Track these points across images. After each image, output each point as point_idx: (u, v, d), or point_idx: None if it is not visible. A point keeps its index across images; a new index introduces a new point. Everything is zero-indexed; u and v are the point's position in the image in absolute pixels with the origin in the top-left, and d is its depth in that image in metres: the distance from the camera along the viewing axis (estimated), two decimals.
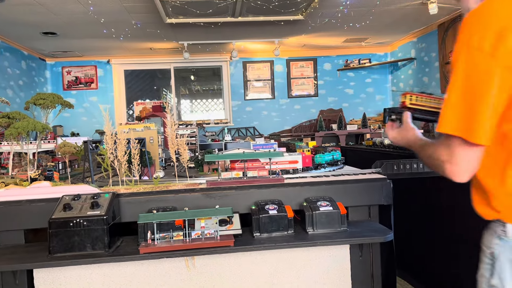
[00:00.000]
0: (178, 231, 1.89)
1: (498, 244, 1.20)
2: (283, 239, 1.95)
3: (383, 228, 2.09)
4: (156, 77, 8.39)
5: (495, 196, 1.19)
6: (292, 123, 7.93)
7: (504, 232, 1.18)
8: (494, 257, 1.21)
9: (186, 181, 2.21)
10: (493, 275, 1.21)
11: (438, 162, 1.21)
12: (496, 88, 1.08)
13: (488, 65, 1.08)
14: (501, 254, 1.19)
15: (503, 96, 1.09)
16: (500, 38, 1.06)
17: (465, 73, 1.11)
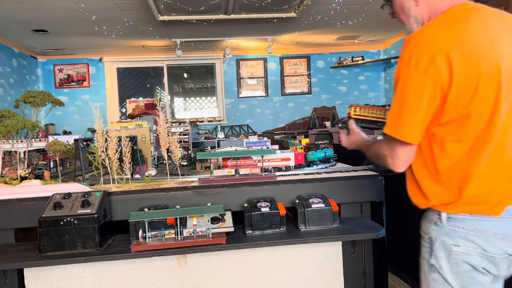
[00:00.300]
0: (170, 229, 1.88)
1: (435, 230, 1.42)
2: (275, 236, 1.94)
3: (375, 225, 2.10)
4: (149, 75, 8.35)
5: (425, 186, 1.43)
6: (286, 120, 7.94)
7: (439, 219, 1.41)
8: (432, 240, 1.43)
9: (178, 179, 2.21)
10: (431, 256, 1.43)
11: (382, 156, 1.49)
12: (427, 99, 1.33)
13: (422, 80, 1.33)
14: (437, 238, 1.41)
15: (432, 105, 1.34)
16: (431, 60, 1.31)
17: (404, 87, 1.37)
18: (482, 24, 1.38)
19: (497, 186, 1.36)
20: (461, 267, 1.38)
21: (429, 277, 1.45)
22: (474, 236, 1.36)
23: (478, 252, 1.36)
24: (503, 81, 1.33)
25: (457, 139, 1.36)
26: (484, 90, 1.32)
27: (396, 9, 1.59)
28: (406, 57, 1.36)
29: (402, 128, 1.38)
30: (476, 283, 1.38)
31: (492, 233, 1.35)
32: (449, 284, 1.40)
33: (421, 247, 1.51)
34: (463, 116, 1.34)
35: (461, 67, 1.30)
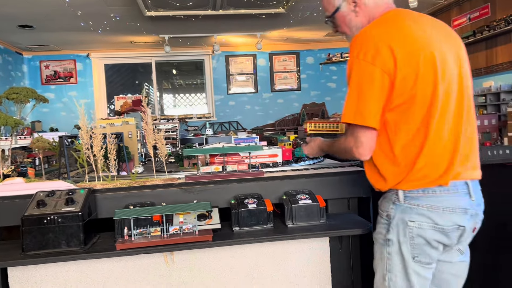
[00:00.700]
0: (156, 226, 1.86)
1: (393, 208, 1.61)
2: (263, 233, 1.94)
3: (362, 221, 2.10)
4: (138, 71, 8.29)
5: (383, 169, 1.61)
6: (275, 117, 7.94)
7: (397, 198, 1.59)
8: (390, 218, 1.61)
9: (164, 176, 2.19)
10: (388, 232, 1.62)
11: (348, 149, 1.65)
12: (378, 86, 1.51)
13: (371, 70, 1.51)
14: (395, 215, 1.60)
15: (383, 92, 1.52)
16: (376, 51, 1.51)
17: (357, 78, 1.55)
18: (415, 22, 1.62)
19: (441, 159, 1.55)
20: (416, 240, 1.57)
21: (384, 250, 1.64)
22: (427, 211, 1.55)
23: (431, 225, 1.55)
24: (438, 68, 1.54)
25: (406, 121, 1.54)
26: (424, 75, 1.52)
27: (339, 23, 1.79)
28: (355, 52, 1.55)
29: (362, 114, 1.54)
30: (425, 255, 1.59)
31: (442, 207, 1.55)
32: (402, 255, 1.59)
33: (377, 224, 1.71)
34: (409, 99, 1.52)
35: (403, 56, 1.50)
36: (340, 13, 1.76)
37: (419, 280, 1.61)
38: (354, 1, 1.72)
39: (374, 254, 1.73)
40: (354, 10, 1.72)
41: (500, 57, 4.72)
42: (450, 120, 1.57)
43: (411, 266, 1.59)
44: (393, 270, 1.62)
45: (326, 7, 1.83)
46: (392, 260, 1.62)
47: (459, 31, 5.63)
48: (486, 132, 3.01)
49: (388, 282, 1.63)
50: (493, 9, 4.89)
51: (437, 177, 1.55)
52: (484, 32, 4.73)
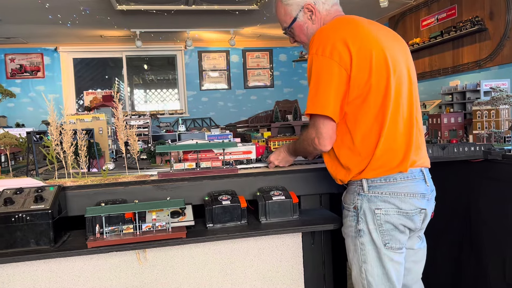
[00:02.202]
0: (128, 224, 1.84)
1: (359, 199, 1.71)
2: (236, 229, 1.95)
3: (333, 216, 2.14)
4: (108, 66, 8.12)
5: (345, 160, 1.71)
6: (249, 113, 7.95)
7: (361, 188, 1.70)
8: (357, 209, 1.72)
9: (136, 173, 2.16)
10: (358, 222, 1.72)
11: (309, 141, 1.75)
12: (336, 79, 1.62)
13: (329, 64, 1.62)
14: (362, 205, 1.70)
15: (341, 84, 1.63)
16: (333, 47, 1.62)
17: (316, 72, 1.65)
18: (368, 23, 1.75)
19: (399, 147, 1.68)
20: (384, 226, 1.68)
21: (357, 241, 1.73)
22: (390, 197, 1.67)
23: (396, 211, 1.67)
24: (390, 63, 1.66)
25: (364, 113, 1.65)
26: (377, 68, 1.63)
27: (297, 33, 1.90)
28: (314, 49, 1.66)
29: (321, 104, 1.64)
30: (396, 240, 1.70)
31: (403, 193, 1.68)
32: (374, 243, 1.69)
33: (344, 218, 1.82)
34: (365, 91, 1.63)
35: (357, 50, 1.61)
36: (297, 22, 1.88)
37: (393, 265, 1.71)
38: (310, 10, 1.84)
39: (348, 249, 1.81)
40: (311, 18, 1.85)
41: (466, 57, 4.89)
42: (404, 111, 1.70)
43: (384, 252, 1.69)
44: (367, 260, 1.71)
45: (283, 19, 1.93)
46: (366, 250, 1.71)
47: (428, 31, 5.79)
48: (452, 129, 3.12)
49: (365, 273, 1.72)
50: (459, 10, 5.05)
51: (396, 165, 1.67)
52: (451, 32, 4.88)
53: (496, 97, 2.76)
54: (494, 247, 2.46)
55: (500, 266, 2.41)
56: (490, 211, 2.47)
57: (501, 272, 2.41)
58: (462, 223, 2.61)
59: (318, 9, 1.84)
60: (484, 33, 4.43)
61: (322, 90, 1.64)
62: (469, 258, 2.61)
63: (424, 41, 5.59)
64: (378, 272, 1.70)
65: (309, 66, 1.70)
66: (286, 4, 1.88)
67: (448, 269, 2.73)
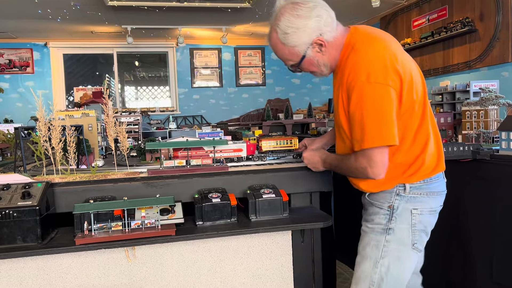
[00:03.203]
0: (117, 221, 1.83)
1: (397, 199, 1.76)
2: (226, 227, 1.94)
3: (323, 214, 2.15)
4: (98, 62, 8.05)
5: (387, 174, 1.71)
6: (240, 112, 7.94)
7: (403, 190, 1.76)
8: (393, 208, 1.77)
9: (126, 170, 2.15)
10: (390, 221, 1.77)
11: (360, 170, 1.70)
12: (393, 105, 1.60)
13: (386, 90, 1.58)
14: (399, 205, 1.76)
15: (396, 108, 1.62)
16: (385, 71, 1.58)
17: (373, 101, 1.58)
18: (385, 35, 1.77)
19: (436, 151, 1.80)
20: (417, 226, 1.77)
21: (382, 238, 1.77)
22: (426, 197, 1.76)
23: (428, 210, 1.78)
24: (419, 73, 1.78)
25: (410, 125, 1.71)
26: (416, 84, 1.70)
27: (305, 66, 1.83)
28: (363, 76, 1.59)
29: (386, 136, 1.60)
30: (422, 242, 1.81)
31: (436, 192, 1.79)
32: (402, 242, 1.76)
33: (370, 215, 1.85)
34: (411, 106, 1.68)
35: (402, 69, 1.63)
36: (306, 59, 1.78)
37: (410, 265, 1.81)
38: (320, 44, 1.73)
39: (365, 243, 1.84)
40: (320, 51, 1.75)
41: (456, 57, 4.93)
42: (431, 116, 1.81)
43: (408, 252, 1.77)
44: (387, 256, 1.76)
45: (288, 58, 1.81)
46: (389, 247, 1.76)
47: (419, 31, 5.83)
48: (442, 129, 3.14)
49: (380, 268, 1.76)
50: (450, 11, 5.09)
51: (435, 166, 1.78)
52: (442, 33, 4.92)
53: (486, 97, 2.78)
54: (482, 246, 2.48)
55: (488, 265, 2.43)
56: (478, 210, 2.49)
57: (488, 271, 2.43)
58: (451, 222, 2.63)
59: (326, 40, 1.72)
60: (474, 34, 4.47)
61: (385, 120, 1.59)
62: (457, 257, 2.63)
63: (415, 42, 5.63)
64: (393, 271, 1.76)
65: (359, 95, 1.60)
66: (291, 46, 1.75)
67: (436, 268, 2.75)
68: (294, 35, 1.72)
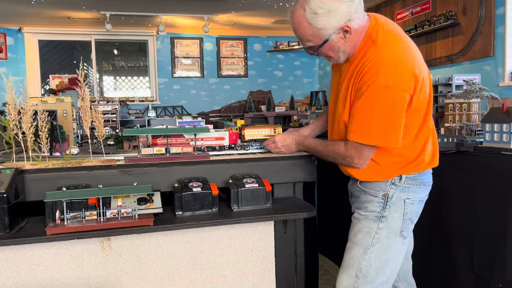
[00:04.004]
0: (92, 210, 1.74)
1: (393, 188, 1.79)
2: (207, 217, 1.87)
3: (307, 205, 2.10)
4: (76, 49, 7.81)
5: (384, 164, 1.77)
6: (222, 103, 7.84)
7: (399, 180, 1.79)
8: (387, 197, 1.79)
9: (102, 157, 2.05)
10: (384, 209, 1.79)
11: (344, 157, 1.77)
12: (405, 109, 1.64)
13: (403, 97, 1.62)
14: (394, 194, 1.78)
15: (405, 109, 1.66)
16: (405, 78, 1.62)
17: (386, 105, 1.61)
18: (404, 35, 1.76)
19: (434, 148, 1.85)
20: (407, 215, 1.81)
21: (375, 225, 1.80)
22: (418, 188, 1.81)
23: (418, 200, 1.83)
24: (428, 79, 1.77)
25: (413, 120, 1.72)
26: (425, 87, 1.71)
27: (324, 50, 1.75)
28: (382, 79, 1.58)
29: (390, 139, 1.66)
30: (408, 230, 1.86)
31: (426, 183, 1.85)
32: (392, 230, 1.80)
33: (364, 203, 1.86)
34: (417, 108, 1.70)
35: (419, 74, 1.65)
36: (328, 43, 1.70)
37: (398, 252, 1.85)
38: (346, 30, 1.66)
39: (357, 230, 1.86)
40: (344, 37, 1.68)
41: (439, 51, 4.95)
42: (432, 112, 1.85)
43: (396, 240, 1.81)
44: (378, 243, 1.79)
45: (308, 39, 1.72)
46: (381, 235, 1.79)
47: (402, 24, 5.83)
48: None
49: (369, 254, 1.79)
50: (434, 4, 5.09)
51: (430, 162, 1.83)
52: (425, 26, 4.92)
53: (469, 90, 2.77)
54: (464, 238, 2.48)
55: (469, 256, 2.44)
56: (462, 202, 2.48)
57: (469, 262, 2.44)
58: (434, 213, 2.62)
59: (353, 27, 1.66)
60: (457, 28, 4.49)
61: (395, 125, 1.64)
62: (439, 248, 2.63)
63: None
64: (382, 258, 1.79)
65: (372, 95, 1.61)
66: (318, 28, 1.66)
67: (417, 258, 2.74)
68: (324, 17, 1.63)
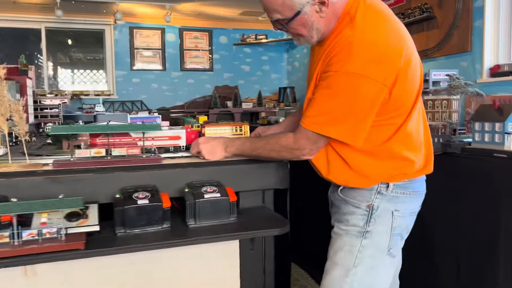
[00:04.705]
0: (4, 230, 1.34)
1: (378, 198, 1.53)
2: (156, 236, 1.52)
3: (278, 217, 1.78)
4: (27, 39, 7.18)
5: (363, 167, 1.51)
6: (185, 98, 7.42)
7: (385, 188, 1.53)
8: (372, 208, 1.53)
9: (24, 161, 1.64)
10: (368, 223, 1.53)
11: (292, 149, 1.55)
12: (379, 104, 1.41)
13: (381, 90, 1.39)
14: (380, 205, 1.53)
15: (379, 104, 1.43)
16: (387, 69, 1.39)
17: (359, 96, 1.39)
18: (391, 14, 1.49)
19: (427, 151, 1.62)
20: (396, 230, 1.55)
21: (357, 242, 1.54)
22: (409, 197, 1.56)
23: (409, 212, 1.58)
24: (418, 68, 1.52)
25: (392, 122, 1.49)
26: (414, 74, 1.47)
27: (294, 26, 1.51)
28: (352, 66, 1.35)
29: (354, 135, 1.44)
30: (397, 247, 1.61)
31: (419, 192, 1.61)
32: (377, 248, 1.54)
33: (345, 215, 1.59)
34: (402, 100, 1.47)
35: (405, 67, 1.42)
36: (300, 17, 1.46)
37: (385, 273, 1.59)
38: (323, 1, 1.43)
39: (337, 247, 1.59)
40: (320, 10, 1.45)
41: None
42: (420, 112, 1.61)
43: (383, 259, 1.55)
44: (361, 264, 1.53)
45: (278, 10, 1.48)
46: (364, 254, 1.53)
47: None
48: None
49: (352, 277, 1.53)
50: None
51: (423, 167, 1.59)
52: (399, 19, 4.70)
53: (454, 85, 2.54)
54: (447, 247, 2.29)
55: (454, 266, 2.24)
56: (447, 209, 2.27)
57: (454, 272, 2.24)
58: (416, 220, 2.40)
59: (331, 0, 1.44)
60: (433, 21, 4.29)
61: (363, 121, 1.42)
62: (422, 258, 2.42)
63: None
64: (366, 281, 1.54)
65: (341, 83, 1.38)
66: None
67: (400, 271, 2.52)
68: None
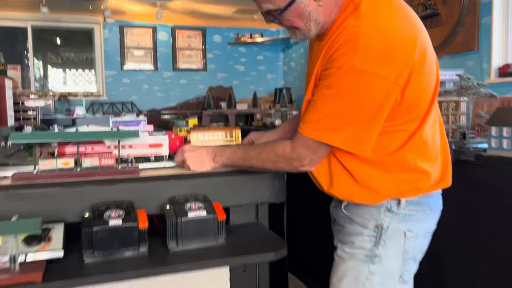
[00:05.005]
0: None
1: (388, 216, 1.35)
2: (130, 263, 1.30)
3: (274, 237, 1.56)
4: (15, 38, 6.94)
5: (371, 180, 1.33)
6: (177, 99, 7.19)
7: (396, 205, 1.34)
8: (381, 228, 1.35)
9: None
10: (377, 245, 1.35)
11: (290, 160, 1.37)
12: (390, 105, 1.24)
13: (392, 90, 1.21)
14: (390, 225, 1.35)
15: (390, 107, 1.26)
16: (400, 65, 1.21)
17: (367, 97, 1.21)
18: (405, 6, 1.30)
19: (444, 161, 1.43)
20: (409, 253, 1.37)
21: (365, 269, 1.37)
22: (424, 215, 1.37)
23: (424, 232, 1.40)
24: (435, 60, 1.35)
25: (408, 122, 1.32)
26: (429, 72, 1.30)
27: (289, 17, 1.33)
28: (358, 61, 1.17)
29: (360, 143, 1.27)
30: (410, 272, 1.41)
31: (435, 209, 1.41)
32: (388, 275, 1.37)
33: (351, 236, 1.42)
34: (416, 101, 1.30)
35: (419, 64, 1.25)
36: (295, 5, 1.29)
37: None
38: None
39: (341, 274, 1.42)
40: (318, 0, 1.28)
41: None
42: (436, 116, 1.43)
43: (394, 286, 1.38)
44: None
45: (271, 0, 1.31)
46: (373, 281, 1.36)
47: None
48: None
49: None
50: None
51: (439, 180, 1.40)
52: None
53: (466, 85, 2.33)
54: (463, 272, 2.07)
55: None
56: (460, 224, 2.06)
57: None
58: None
59: None
60: (436, 18, 4.08)
61: (372, 126, 1.25)
62: (428, 280, 2.20)
63: None
64: None
65: (340, 79, 1.21)
66: None
67: None
68: None
